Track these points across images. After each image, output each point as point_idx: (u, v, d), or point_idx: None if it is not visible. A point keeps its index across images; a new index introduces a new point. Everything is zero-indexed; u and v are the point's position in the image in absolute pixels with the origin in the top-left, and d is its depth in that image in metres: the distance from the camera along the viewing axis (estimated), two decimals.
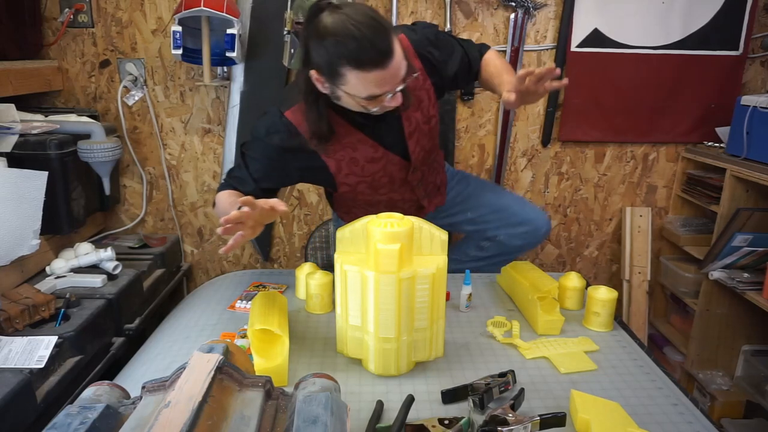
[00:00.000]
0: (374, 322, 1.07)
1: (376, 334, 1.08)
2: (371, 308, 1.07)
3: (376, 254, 1.03)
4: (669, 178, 2.29)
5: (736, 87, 2.13)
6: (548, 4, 2.06)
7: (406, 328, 1.09)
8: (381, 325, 1.07)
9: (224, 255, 2.33)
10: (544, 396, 1.06)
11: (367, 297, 1.07)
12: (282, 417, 0.80)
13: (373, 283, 1.05)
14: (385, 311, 1.06)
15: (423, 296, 1.08)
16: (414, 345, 1.12)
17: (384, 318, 1.06)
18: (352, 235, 1.13)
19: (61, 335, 1.35)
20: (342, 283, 1.10)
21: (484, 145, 2.21)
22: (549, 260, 2.38)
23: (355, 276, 1.08)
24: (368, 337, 1.10)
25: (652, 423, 0.98)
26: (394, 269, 1.03)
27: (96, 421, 0.74)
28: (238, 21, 1.82)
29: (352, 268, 1.08)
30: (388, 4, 2.03)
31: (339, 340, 1.16)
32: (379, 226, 1.05)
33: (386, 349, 1.09)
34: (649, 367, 1.18)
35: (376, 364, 1.11)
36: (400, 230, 1.04)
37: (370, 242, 1.06)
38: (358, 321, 1.11)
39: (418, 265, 1.07)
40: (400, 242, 1.03)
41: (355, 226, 1.12)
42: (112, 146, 1.86)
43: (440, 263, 1.09)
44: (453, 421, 0.93)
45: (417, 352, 1.13)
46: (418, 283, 1.07)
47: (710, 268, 1.90)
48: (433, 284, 1.08)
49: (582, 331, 1.32)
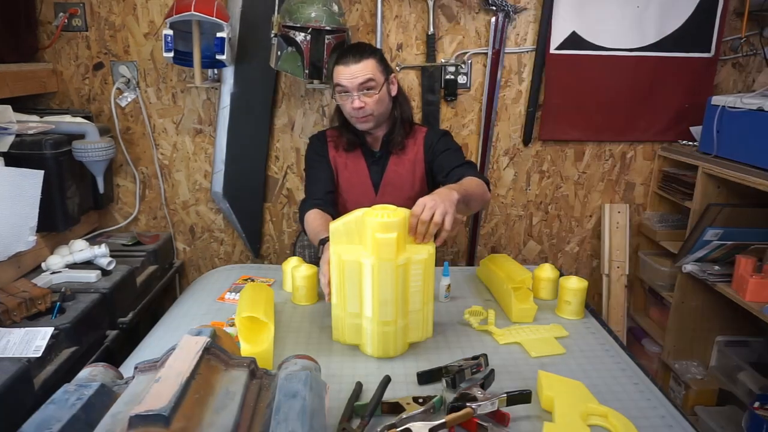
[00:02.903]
0: (373, 307, 1.14)
1: (375, 319, 1.15)
2: (369, 295, 1.14)
3: (375, 243, 1.10)
4: (646, 175, 2.37)
5: (708, 88, 2.21)
6: (528, 8, 2.14)
7: (403, 311, 1.16)
8: (380, 310, 1.14)
9: (215, 252, 2.39)
10: (514, 377, 1.13)
11: (365, 284, 1.14)
12: (265, 394, 0.87)
13: (372, 270, 1.11)
14: (384, 296, 1.13)
15: (417, 280, 1.16)
16: (408, 327, 1.20)
17: (383, 303, 1.13)
18: (346, 228, 1.18)
19: (57, 327, 1.41)
20: (339, 273, 1.16)
21: (467, 144, 2.28)
22: (531, 256, 2.45)
23: (353, 266, 1.14)
24: (366, 322, 1.17)
25: (613, 400, 1.05)
26: (392, 257, 1.10)
27: (92, 397, 0.80)
28: (227, 25, 1.88)
29: (350, 258, 1.14)
30: (373, 8, 2.09)
31: (336, 328, 1.22)
32: (376, 216, 1.12)
33: (385, 332, 1.16)
34: (615, 350, 1.25)
35: (374, 347, 1.18)
36: (395, 220, 1.11)
37: (366, 233, 1.13)
38: (356, 308, 1.18)
39: (410, 252, 1.15)
40: (396, 231, 1.11)
41: (348, 219, 1.18)
42: (106, 146, 1.92)
43: (430, 250, 1.17)
44: (426, 399, 1.00)
45: (411, 334, 1.21)
46: (413, 268, 1.15)
47: (683, 261, 1.98)
48: (425, 269, 1.16)
49: (554, 318, 1.39)
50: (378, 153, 1.72)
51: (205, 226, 2.36)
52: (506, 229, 2.42)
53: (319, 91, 2.19)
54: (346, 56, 1.56)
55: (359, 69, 1.54)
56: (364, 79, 1.54)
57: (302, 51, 1.87)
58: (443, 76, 2.17)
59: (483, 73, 2.20)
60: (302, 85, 2.18)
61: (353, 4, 2.10)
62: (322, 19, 1.83)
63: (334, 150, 1.74)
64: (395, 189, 1.71)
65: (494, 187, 2.35)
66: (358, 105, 1.56)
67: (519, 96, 2.24)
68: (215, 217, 2.35)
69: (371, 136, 1.71)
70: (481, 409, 0.95)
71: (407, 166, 1.71)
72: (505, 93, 2.23)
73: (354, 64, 1.54)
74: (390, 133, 1.69)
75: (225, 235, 2.38)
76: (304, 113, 2.23)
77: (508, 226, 2.41)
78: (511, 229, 2.42)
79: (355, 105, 1.56)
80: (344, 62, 1.56)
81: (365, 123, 1.62)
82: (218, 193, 2.19)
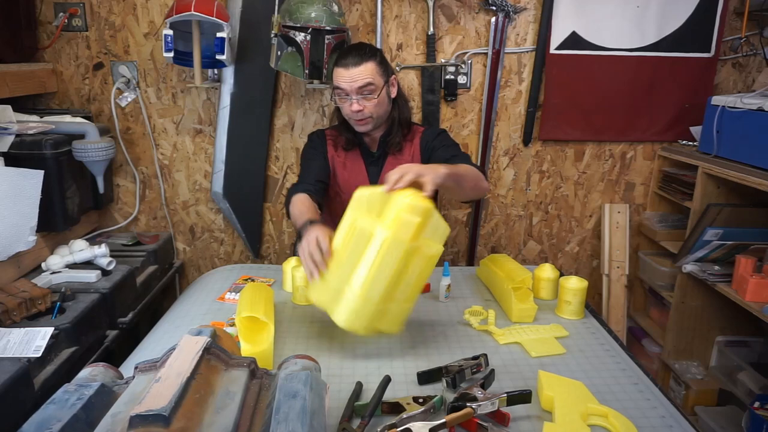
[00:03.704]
0: (365, 280, 1.10)
1: (362, 293, 1.11)
2: (365, 268, 1.11)
3: (397, 220, 1.09)
4: (646, 175, 2.37)
5: (708, 88, 2.21)
6: (528, 8, 2.14)
7: (388, 296, 1.13)
8: (370, 286, 1.11)
9: (215, 252, 2.39)
10: (514, 377, 1.13)
11: (367, 256, 1.11)
12: (265, 394, 0.87)
13: (381, 245, 1.09)
14: (380, 274, 1.10)
15: (413, 274, 1.15)
16: (385, 314, 1.16)
17: (376, 280, 1.10)
18: (370, 198, 1.17)
19: (57, 327, 1.41)
20: (347, 237, 1.16)
21: (467, 144, 2.28)
22: (531, 256, 2.45)
23: (363, 234, 1.13)
24: (350, 292, 1.12)
25: (613, 400, 1.05)
26: (407, 239, 1.10)
27: (92, 397, 0.80)
28: (227, 25, 1.88)
29: (364, 226, 1.13)
30: (373, 8, 2.09)
31: (314, 287, 1.19)
32: (407, 197, 1.11)
33: (363, 309, 1.12)
34: (615, 350, 1.25)
35: (346, 318, 1.13)
36: (423, 206, 1.11)
37: (390, 209, 1.12)
38: (346, 275, 1.14)
39: (421, 244, 1.14)
40: (420, 217, 1.10)
41: (375, 191, 1.17)
42: (106, 146, 1.92)
43: (437, 250, 1.16)
44: (427, 399, 1.00)
45: (384, 321, 1.17)
46: (416, 261, 1.13)
47: (683, 261, 1.98)
48: (424, 266, 1.15)
49: (554, 318, 1.39)
50: (376, 153, 1.72)
51: (205, 226, 2.36)
52: (506, 229, 2.42)
53: (319, 91, 2.19)
54: (346, 58, 1.55)
55: (359, 72, 1.53)
56: (363, 82, 1.54)
57: (302, 51, 1.87)
58: (443, 76, 2.17)
59: (483, 73, 2.20)
60: (302, 85, 2.18)
61: (353, 4, 2.10)
62: (322, 19, 1.83)
63: (333, 149, 1.74)
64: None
65: (494, 187, 2.35)
66: (357, 108, 1.56)
67: (519, 96, 2.24)
68: (215, 217, 2.35)
69: (369, 137, 1.71)
70: (481, 409, 0.95)
71: None
72: (505, 93, 2.23)
73: (354, 66, 1.53)
74: (388, 134, 1.69)
75: (225, 235, 2.38)
76: (304, 113, 2.23)
77: (508, 226, 2.41)
78: (511, 229, 2.42)
79: (354, 108, 1.56)
80: (344, 64, 1.55)
81: (364, 125, 1.63)
82: (218, 193, 2.19)
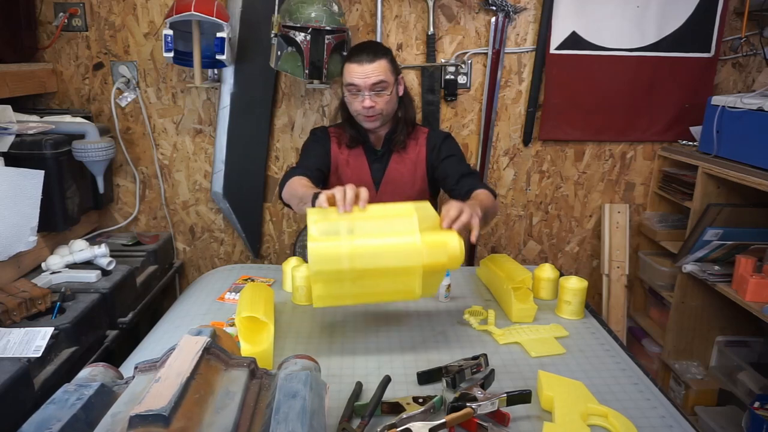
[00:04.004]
0: (365, 251, 1.08)
1: (354, 261, 1.08)
2: (378, 241, 1.09)
3: (436, 244, 1.13)
4: (646, 175, 2.37)
5: (708, 88, 2.21)
6: (528, 8, 2.14)
7: (363, 274, 1.10)
8: (367, 260, 1.08)
9: (215, 252, 2.39)
10: (514, 377, 1.13)
11: (386, 237, 1.10)
12: (265, 394, 0.87)
13: (406, 242, 1.09)
14: (380, 257, 1.09)
15: (387, 285, 1.13)
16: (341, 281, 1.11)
17: (374, 254, 1.09)
18: (426, 214, 1.18)
19: (57, 327, 1.41)
20: (391, 212, 1.15)
21: (468, 144, 2.28)
22: (531, 256, 2.45)
23: (402, 222, 1.12)
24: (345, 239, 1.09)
25: (613, 400, 1.05)
26: (424, 262, 1.10)
27: (92, 397, 0.80)
28: (227, 25, 1.88)
29: (410, 222, 1.12)
30: (373, 8, 2.09)
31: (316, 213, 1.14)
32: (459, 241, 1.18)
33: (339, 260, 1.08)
34: (615, 350, 1.25)
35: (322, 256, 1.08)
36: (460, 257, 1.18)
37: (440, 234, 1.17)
38: (349, 234, 1.09)
39: (419, 279, 1.12)
40: (449, 262, 1.15)
41: (432, 213, 1.20)
42: (106, 146, 1.92)
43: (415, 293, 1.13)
44: (426, 399, 1.00)
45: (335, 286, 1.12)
46: (402, 279, 1.11)
47: (683, 261, 1.98)
48: (396, 291, 1.14)
49: (554, 318, 1.39)
50: (380, 151, 1.73)
51: (205, 226, 2.36)
52: (506, 229, 2.42)
53: (319, 91, 2.19)
54: (360, 54, 1.57)
55: (373, 69, 1.55)
56: (377, 79, 1.56)
57: (302, 51, 1.87)
58: (443, 76, 2.18)
59: (483, 73, 2.20)
60: (302, 85, 2.18)
61: (353, 4, 2.10)
62: (322, 19, 1.84)
63: (337, 146, 1.74)
64: (396, 187, 1.72)
65: (494, 187, 2.35)
66: (369, 104, 1.58)
67: (519, 96, 2.24)
68: (215, 217, 2.35)
69: (374, 135, 1.72)
70: (481, 409, 0.95)
71: (408, 165, 1.72)
72: (505, 93, 2.23)
73: (368, 63, 1.55)
74: (393, 132, 1.70)
75: (225, 235, 2.38)
76: (304, 113, 2.23)
77: (508, 226, 2.41)
78: (511, 229, 2.42)
79: (366, 104, 1.58)
80: (358, 60, 1.56)
81: (372, 122, 1.64)
82: (218, 193, 2.19)
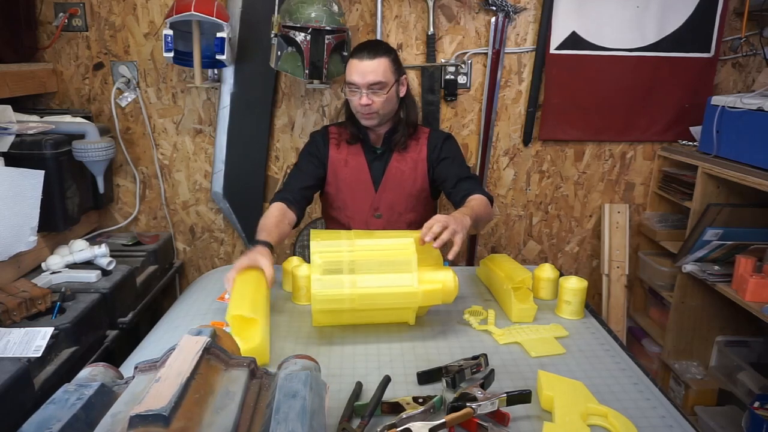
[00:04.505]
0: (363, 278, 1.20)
1: (354, 290, 1.19)
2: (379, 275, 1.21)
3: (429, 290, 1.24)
4: (646, 175, 2.37)
5: (708, 88, 2.21)
6: (528, 8, 2.14)
7: (370, 309, 1.23)
8: (367, 291, 1.20)
9: (215, 252, 2.39)
10: (514, 377, 1.13)
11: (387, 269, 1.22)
12: (265, 394, 0.87)
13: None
14: (384, 287, 1.21)
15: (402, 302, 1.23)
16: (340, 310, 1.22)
17: (373, 295, 1.21)
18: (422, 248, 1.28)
19: (57, 327, 1.41)
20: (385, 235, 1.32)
21: (468, 144, 2.28)
22: (531, 256, 2.45)
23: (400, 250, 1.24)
24: (345, 281, 1.20)
25: (613, 400, 1.05)
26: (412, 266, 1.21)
27: (92, 397, 0.80)
28: (227, 25, 1.88)
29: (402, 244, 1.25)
30: (373, 8, 2.10)
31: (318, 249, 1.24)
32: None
33: (342, 301, 1.20)
34: (614, 350, 1.25)
35: (320, 299, 1.19)
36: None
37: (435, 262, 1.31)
38: (349, 268, 1.21)
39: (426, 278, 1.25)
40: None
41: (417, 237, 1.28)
42: (106, 146, 1.92)
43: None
44: (426, 399, 1.00)
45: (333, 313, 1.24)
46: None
47: (683, 261, 1.98)
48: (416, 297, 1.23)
49: (554, 318, 1.39)
50: (379, 150, 1.73)
51: (205, 226, 2.36)
52: (506, 229, 2.42)
53: (319, 91, 2.19)
54: (362, 51, 1.58)
55: (372, 67, 1.56)
56: (374, 79, 1.57)
57: (302, 51, 1.87)
58: (443, 76, 2.18)
59: (483, 73, 2.20)
60: (302, 85, 2.18)
61: (353, 4, 2.10)
62: (322, 19, 1.84)
63: (335, 147, 1.74)
64: (397, 186, 1.72)
65: (494, 187, 2.35)
66: (365, 102, 1.59)
67: (519, 96, 2.24)
68: (215, 217, 2.35)
69: (374, 133, 1.72)
70: (481, 409, 0.95)
71: (409, 164, 1.72)
72: (505, 93, 2.23)
73: (368, 60, 1.56)
74: (393, 132, 1.70)
75: (225, 235, 2.38)
76: (304, 113, 2.23)
77: (508, 226, 2.41)
78: (511, 229, 2.42)
79: (363, 102, 1.59)
80: (359, 56, 1.58)
81: (369, 120, 1.64)
82: (218, 193, 2.20)
